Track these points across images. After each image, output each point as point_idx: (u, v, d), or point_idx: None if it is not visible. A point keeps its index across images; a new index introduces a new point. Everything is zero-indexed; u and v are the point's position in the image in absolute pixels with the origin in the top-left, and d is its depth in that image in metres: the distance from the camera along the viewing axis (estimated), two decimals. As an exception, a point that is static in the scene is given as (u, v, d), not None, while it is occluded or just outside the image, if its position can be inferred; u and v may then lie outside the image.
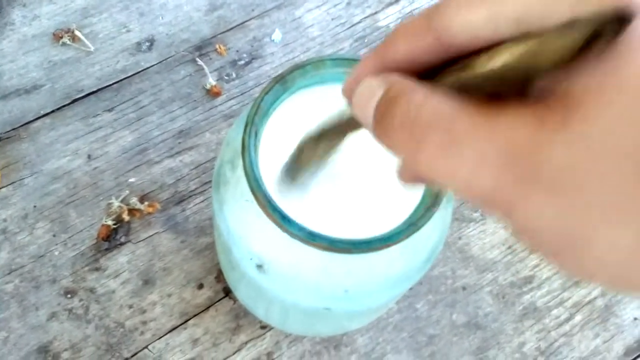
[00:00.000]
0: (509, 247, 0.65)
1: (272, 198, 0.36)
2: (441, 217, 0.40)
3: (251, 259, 0.41)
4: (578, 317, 0.63)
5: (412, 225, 0.35)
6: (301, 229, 0.34)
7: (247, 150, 0.37)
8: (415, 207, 0.36)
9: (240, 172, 0.40)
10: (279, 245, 0.39)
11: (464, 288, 0.63)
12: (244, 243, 0.41)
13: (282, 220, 0.35)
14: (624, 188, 0.17)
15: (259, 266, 0.40)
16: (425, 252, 0.40)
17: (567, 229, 0.18)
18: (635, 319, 0.63)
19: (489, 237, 0.65)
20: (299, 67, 0.39)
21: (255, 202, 0.36)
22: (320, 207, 0.38)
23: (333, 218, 0.37)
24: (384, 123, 0.22)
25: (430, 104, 0.20)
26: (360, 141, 0.35)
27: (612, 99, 0.17)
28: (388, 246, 0.34)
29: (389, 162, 0.38)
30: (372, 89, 0.22)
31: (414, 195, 0.37)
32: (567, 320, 0.63)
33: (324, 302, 0.41)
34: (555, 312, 0.63)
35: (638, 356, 0.62)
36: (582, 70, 0.18)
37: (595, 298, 0.64)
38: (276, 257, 0.40)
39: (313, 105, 0.41)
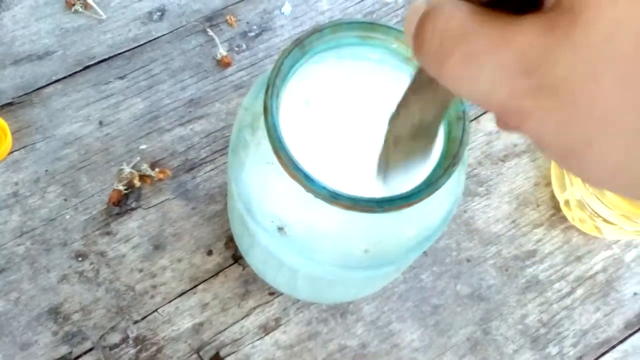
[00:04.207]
0: (513, 222, 0.66)
1: (295, 158, 0.36)
2: (456, 179, 0.41)
3: (272, 221, 0.41)
4: (579, 291, 0.64)
5: (432, 184, 0.35)
6: (324, 188, 0.35)
7: (270, 111, 0.37)
8: (434, 167, 0.37)
9: (260, 135, 0.41)
10: (300, 207, 0.39)
11: (468, 260, 0.64)
12: (264, 206, 0.42)
13: (306, 179, 0.35)
14: (617, 97, 0.18)
15: (280, 229, 0.41)
16: (442, 213, 0.41)
17: (568, 136, 0.19)
18: (635, 294, 0.64)
19: (493, 211, 0.66)
20: (317, 31, 0.39)
21: (277, 164, 0.37)
22: (340, 168, 0.39)
23: (353, 179, 0.38)
24: (419, 38, 0.22)
25: (456, 18, 0.21)
26: (379, 104, 0.36)
27: (612, 2, 0.17)
28: (409, 205, 0.35)
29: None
30: (418, 8, 0.23)
31: (432, 156, 0.37)
32: (569, 294, 0.64)
33: (344, 262, 0.41)
34: (557, 285, 0.64)
35: (638, 330, 0.63)
36: None
37: (596, 273, 0.65)
38: (298, 218, 0.41)
39: (330, 69, 0.42)
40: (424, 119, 0.31)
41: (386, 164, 0.34)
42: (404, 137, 0.32)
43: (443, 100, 0.29)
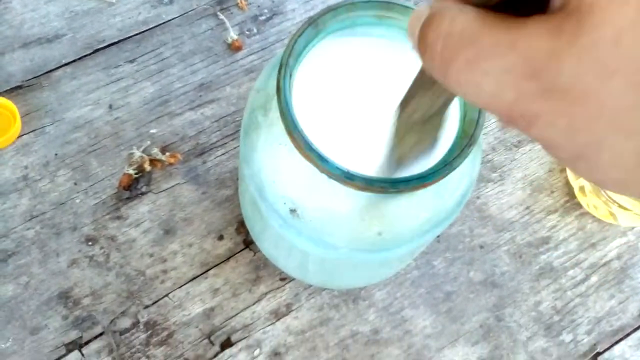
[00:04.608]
0: (527, 208, 0.65)
1: (309, 138, 0.36)
2: (471, 162, 0.41)
3: (285, 203, 0.41)
4: (594, 278, 0.63)
5: (448, 164, 0.35)
6: (338, 168, 0.34)
7: (282, 91, 0.37)
8: (450, 148, 0.36)
9: (273, 116, 0.41)
10: (314, 188, 0.39)
11: (481, 247, 0.63)
12: (276, 188, 0.41)
13: (320, 160, 0.35)
14: (627, 99, 0.17)
15: (293, 211, 0.40)
16: (457, 196, 0.41)
17: (578, 139, 0.19)
18: (651, 281, 0.64)
19: (507, 197, 0.65)
20: (332, 9, 0.39)
21: (290, 145, 0.36)
22: (354, 149, 0.38)
23: (366, 160, 0.37)
24: (423, 41, 0.22)
25: (459, 22, 0.21)
26: (394, 84, 0.35)
27: (620, 5, 0.17)
28: (424, 186, 0.34)
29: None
30: (421, 13, 0.23)
31: (448, 137, 0.37)
32: (583, 281, 0.63)
33: (357, 245, 0.41)
34: (571, 272, 0.63)
35: (653, 317, 0.63)
36: None
37: (611, 260, 0.64)
38: (311, 200, 0.40)
39: (344, 49, 0.41)
40: (430, 110, 0.31)
41: (396, 156, 0.34)
42: (412, 128, 0.33)
43: (449, 94, 0.29)
